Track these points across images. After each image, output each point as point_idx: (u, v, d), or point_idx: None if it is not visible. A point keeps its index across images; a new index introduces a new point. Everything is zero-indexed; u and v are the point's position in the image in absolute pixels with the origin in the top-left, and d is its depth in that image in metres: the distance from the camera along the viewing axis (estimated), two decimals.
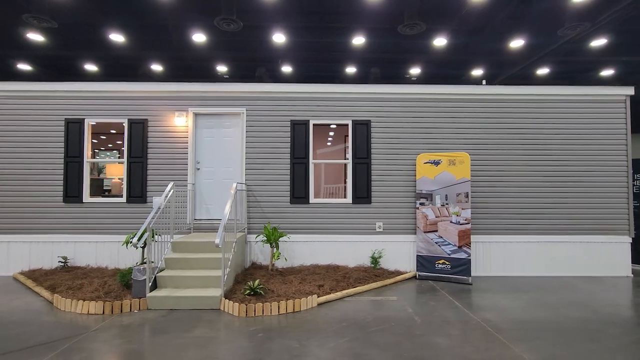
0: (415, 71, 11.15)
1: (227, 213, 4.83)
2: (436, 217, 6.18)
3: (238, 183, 5.79)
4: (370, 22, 7.81)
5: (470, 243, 5.93)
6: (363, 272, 5.90)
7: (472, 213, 6.23)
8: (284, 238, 6.11)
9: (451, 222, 6.07)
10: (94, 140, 10.36)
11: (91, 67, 10.31)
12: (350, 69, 10.92)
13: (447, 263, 6.04)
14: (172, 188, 5.45)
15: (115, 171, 7.46)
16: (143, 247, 5.63)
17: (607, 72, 11.63)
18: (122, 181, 6.48)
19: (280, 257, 5.94)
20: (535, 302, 4.86)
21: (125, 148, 6.41)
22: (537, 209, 6.43)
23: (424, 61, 10.46)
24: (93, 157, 8.60)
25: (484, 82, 7.28)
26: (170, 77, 11.27)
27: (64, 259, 6.17)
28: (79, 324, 4.01)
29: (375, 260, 6.22)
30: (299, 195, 6.37)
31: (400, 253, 6.39)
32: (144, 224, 4.61)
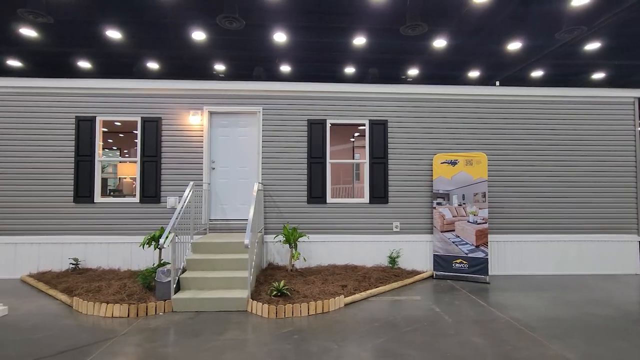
0: (416, 71, 11.24)
1: (252, 214, 4.76)
2: (453, 217, 6.21)
3: (258, 183, 5.71)
4: (373, 23, 7.85)
5: (487, 242, 5.98)
6: (382, 272, 5.90)
7: (488, 213, 6.28)
8: (303, 238, 6.07)
9: (468, 222, 6.11)
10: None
11: (85, 65, 10.06)
12: (351, 69, 10.96)
13: (465, 262, 6.07)
14: (192, 188, 5.34)
15: (126, 170, 7.29)
16: (161, 248, 5.53)
17: (605, 74, 11.93)
18: (134, 181, 6.34)
19: (299, 258, 5.89)
20: (556, 301, 4.92)
21: (138, 147, 6.27)
22: (550, 208, 6.52)
23: (425, 61, 10.54)
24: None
25: (498, 83, 7.34)
26: (169, 76, 11.10)
27: (75, 261, 6.00)
28: (106, 328, 3.90)
29: (393, 260, 6.22)
30: (316, 195, 6.33)
31: (416, 253, 6.40)
32: (169, 225, 4.51)
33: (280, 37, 8.20)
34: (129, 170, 7.39)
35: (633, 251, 6.61)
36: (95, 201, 6.17)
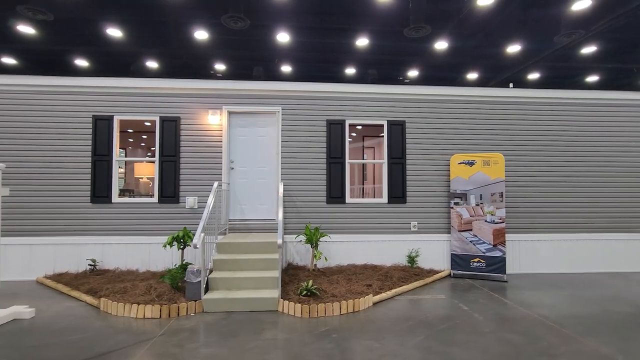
0: (418, 72, 11.39)
1: (281, 215, 4.76)
2: (470, 217, 6.30)
3: (282, 183, 5.71)
4: (377, 25, 7.92)
5: (504, 241, 6.08)
6: (402, 271, 5.95)
7: (505, 212, 6.38)
8: (325, 238, 6.09)
9: (486, 221, 6.21)
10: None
11: (83, 63, 9.89)
12: (354, 70, 11.06)
13: (482, 261, 6.17)
14: (217, 188, 5.32)
15: (143, 170, 7.22)
16: (183, 249, 5.51)
17: (599, 77, 12.25)
18: (151, 181, 6.28)
19: (321, 257, 5.91)
20: (577, 298, 5.04)
21: (156, 146, 6.21)
22: (561, 208, 6.66)
23: (427, 63, 10.67)
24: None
25: (511, 85, 7.47)
26: (169, 75, 11.01)
27: (93, 262, 5.92)
28: (140, 329, 3.87)
29: (412, 259, 6.29)
30: (336, 195, 6.36)
31: (434, 252, 6.48)
32: (200, 225, 4.49)
33: (284, 37, 8.18)
34: (146, 170, 7.32)
35: None
36: (112, 201, 6.09)
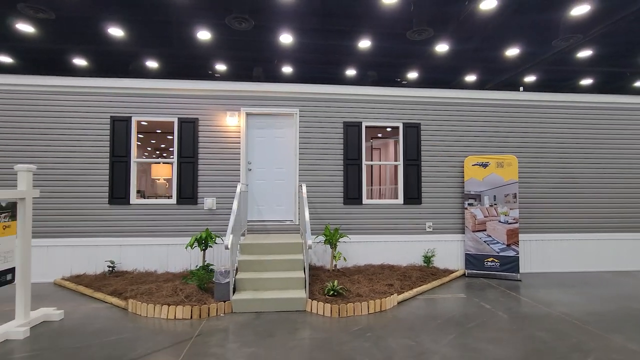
0: (418, 74, 11.58)
1: (308, 216, 4.82)
2: (485, 217, 6.45)
3: (304, 185, 5.76)
4: (381, 27, 8.01)
5: (518, 241, 6.24)
6: (419, 271, 6.06)
7: (518, 213, 6.54)
8: (343, 239, 6.17)
9: (499, 222, 6.35)
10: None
11: (83, 62, 9.78)
12: (354, 71, 11.20)
13: (496, 261, 6.31)
14: (241, 189, 5.35)
15: (160, 172, 7.19)
16: (205, 250, 5.53)
17: (594, 80, 12.60)
18: (167, 182, 6.27)
19: (340, 258, 5.99)
20: (592, 297, 5.20)
21: (175, 148, 6.21)
22: (570, 209, 6.84)
23: (428, 65, 10.87)
24: None
25: (522, 89, 7.65)
26: (170, 75, 10.95)
27: (112, 263, 5.90)
28: (175, 330, 3.89)
29: (428, 259, 6.40)
30: (353, 196, 6.44)
31: (448, 252, 6.61)
32: (230, 226, 4.52)
33: (288, 39, 8.21)
34: (163, 171, 7.29)
35: None
36: (131, 202, 6.07)
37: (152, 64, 9.98)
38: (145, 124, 8.03)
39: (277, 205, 6.44)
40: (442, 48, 9.05)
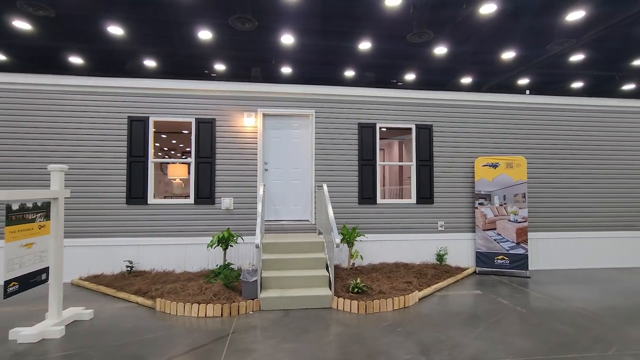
0: (416, 76, 11.84)
1: (332, 215, 4.92)
2: (495, 216, 6.65)
3: (325, 184, 5.85)
4: (381, 29, 8.16)
5: (527, 240, 6.45)
6: (433, 269, 6.22)
7: (527, 212, 6.77)
8: (360, 237, 6.29)
9: (509, 221, 6.56)
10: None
11: (83, 61, 9.67)
12: (354, 73, 11.37)
13: (506, 258, 6.52)
14: (264, 189, 5.43)
15: (176, 172, 7.19)
16: (226, 249, 5.60)
17: (584, 83, 13.03)
18: (182, 182, 6.31)
19: (357, 256, 6.11)
20: (602, 292, 5.43)
21: (192, 148, 6.25)
22: (574, 208, 7.10)
23: (428, 67, 11.11)
24: None
25: (528, 92, 7.89)
26: (170, 75, 10.93)
27: (130, 263, 5.91)
28: (209, 327, 3.95)
29: (440, 257, 6.57)
30: (367, 196, 6.57)
31: (460, 250, 6.79)
32: (258, 226, 4.60)
33: (289, 39, 8.29)
34: (179, 171, 7.30)
35: None
36: (148, 202, 6.09)
37: (154, 64, 9.92)
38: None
39: (294, 205, 6.53)
40: (442, 50, 9.23)
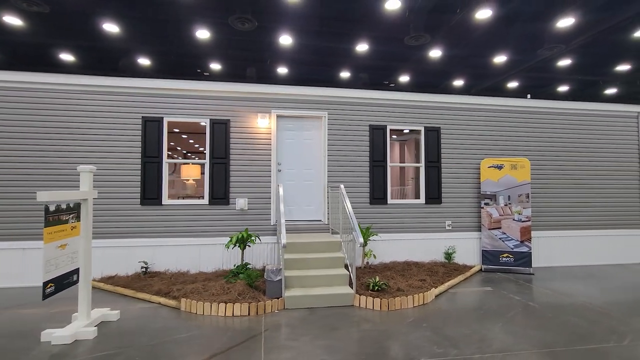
0: (409, 78, 12.22)
1: (351, 210, 5.05)
2: (500, 216, 6.90)
3: (341, 184, 5.96)
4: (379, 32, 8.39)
5: (530, 238, 6.73)
6: (443, 267, 6.42)
7: (531, 212, 7.05)
8: (373, 237, 6.43)
9: (514, 220, 6.83)
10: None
11: (76, 59, 9.56)
12: (354, 74, 11.64)
13: (511, 256, 6.78)
14: (276, 191, 5.50)
15: (190, 172, 7.17)
16: (242, 249, 5.66)
17: (569, 87, 13.62)
18: (195, 182, 6.32)
19: (370, 255, 6.26)
20: (603, 287, 5.72)
21: (207, 148, 6.27)
22: (572, 208, 7.43)
23: (421, 69, 11.47)
24: None
25: (529, 96, 8.20)
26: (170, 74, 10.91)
27: (146, 264, 5.89)
28: (239, 326, 4.02)
29: (449, 255, 6.79)
30: (378, 196, 6.73)
31: (466, 248, 7.02)
32: (283, 225, 4.68)
33: (287, 40, 8.43)
34: (193, 172, 7.28)
35: (636, 243, 7.72)
36: (163, 203, 6.09)
37: (145, 62, 9.91)
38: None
39: (307, 205, 6.62)
40: (436, 53, 9.52)
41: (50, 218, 3.30)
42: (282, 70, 11.04)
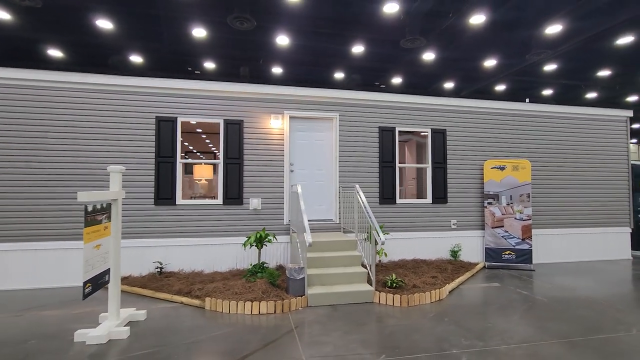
0: (401, 80, 12.56)
1: (372, 215, 5.20)
2: (502, 215, 7.20)
3: (357, 184, 6.10)
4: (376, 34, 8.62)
5: (531, 236, 7.05)
6: (450, 265, 6.66)
7: (531, 211, 7.38)
8: (386, 236, 6.60)
9: (515, 219, 7.14)
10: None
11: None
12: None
13: (513, 253, 7.09)
14: (290, 190, 5.60)
15: (203, 172, 7.14)
16: (259, 248, 5.73)
17: (553, 91, 14.27)
18: (207, 182, 6.35)
19: (382, 254, 6.43)
20: (602, 281, 6.07)
21: (221, 149, 6.30)
22: (567, 207, 7.82)
23: (412, 71, 11.82)
24: None
25: (527, 100, 8.54)
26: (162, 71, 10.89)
27: (161, 264, 5.88)
28: (268, 324, 4.10)
29: (455, 253, 7.03)
30: (388, 196, 6.91)
31: (470, 246, 7.29)
32: (306, 225, 4.79)
33: (283, 40, 8.53)
34: (205, 172, 7.26)
35: (626, 240, 8.19)
36: (177, 203, 6.09)
37: (136, 59, 9.83)
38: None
39: (318, 205, 6.74)
40: (430, 56, 9.81)
41: (88, 218, 3.31)
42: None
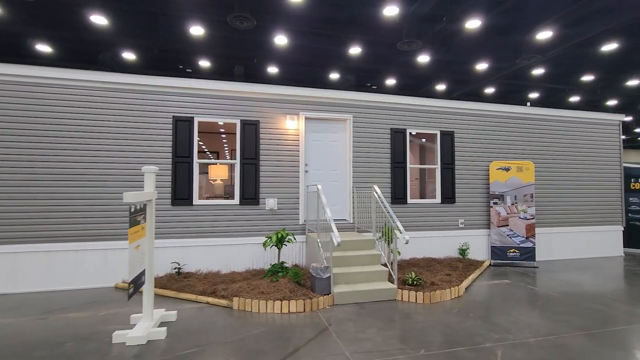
0: (395, 81, 12.96)
1: (394, 215, 5.33)
2: (507, 214, 7.47)
3: (375, 185, 6.21)
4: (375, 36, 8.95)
5: (534, 234, 7.35)
6: (460, 263, 6.87)
7: (535, 210, 7.68)
8: (400, 235, 6.74)
9: (519, 218, 7.42)
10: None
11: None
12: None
13: (517, 251, 7.37)
14: (309, 190, 5.68)
15: (219, 173, 7.09)
16: (280, 248, 5.79)
17: (539, 95, 14.87)
18: (224, 182, 6.34)
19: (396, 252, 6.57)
20: (604, 276, 6.39)
21: (237, 149, 6.31)
22: (569, 206, 8.18)
23: (405, 73, 12.25)
24: None
25: (529, 104, 8.87)
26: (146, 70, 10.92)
27: (178, 265, 5.85)
28: (300, 323, 4.17)
29: (463, 251, 7.26)
30: (399, 196, 7.07)
31: (477, 245, 7.53)
32: (333, 224, 4.87)
33: (282, 40, 8.72)
34: (221, 172, 7.22)
35: (618, 238, 8.62)
36: (194, 203, 6.06)
37: (129, 56, 9.76)
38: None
39: (332, 205, 6.82)
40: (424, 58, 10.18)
41: (132, 219, 3.30)
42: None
